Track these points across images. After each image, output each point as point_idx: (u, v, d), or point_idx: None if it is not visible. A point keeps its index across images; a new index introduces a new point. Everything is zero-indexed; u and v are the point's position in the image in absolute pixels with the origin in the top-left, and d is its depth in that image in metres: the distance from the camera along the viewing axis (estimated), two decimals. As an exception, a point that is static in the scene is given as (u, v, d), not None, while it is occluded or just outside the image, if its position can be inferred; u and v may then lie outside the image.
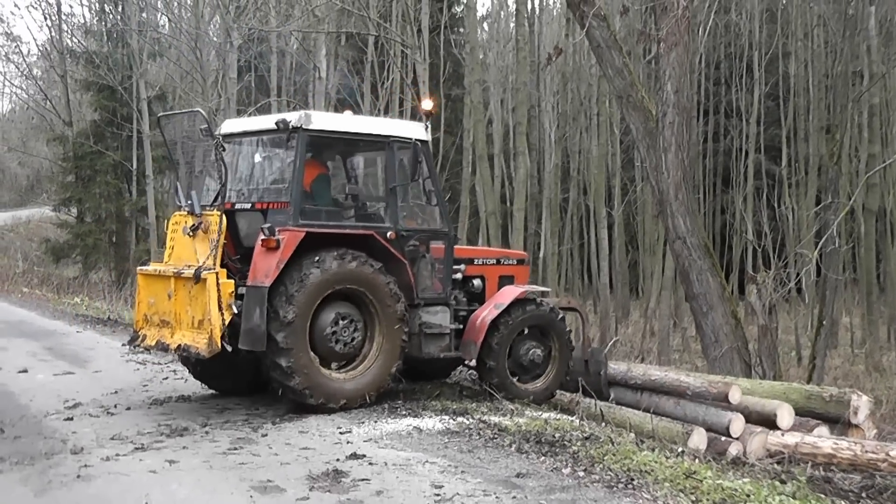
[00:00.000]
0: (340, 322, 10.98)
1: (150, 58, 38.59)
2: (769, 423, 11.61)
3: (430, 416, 10.70)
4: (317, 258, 10.69)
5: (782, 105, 43.87)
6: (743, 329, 16.86)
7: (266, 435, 9.76)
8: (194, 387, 12.71)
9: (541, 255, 37.60)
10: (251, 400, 11.74)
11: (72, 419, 10.73)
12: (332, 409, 10.76)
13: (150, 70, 39.33)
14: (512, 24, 43.13)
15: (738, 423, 11.49)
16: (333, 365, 11.26)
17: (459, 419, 10.51)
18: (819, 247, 19.25)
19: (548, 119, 41.13)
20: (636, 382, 13.03)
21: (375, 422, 10.37)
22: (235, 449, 9.12)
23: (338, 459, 8.60)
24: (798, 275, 21.72)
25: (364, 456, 8.70)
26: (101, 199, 40.13)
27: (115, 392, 12.56)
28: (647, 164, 17.23)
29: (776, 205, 40.27)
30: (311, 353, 10.82)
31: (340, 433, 9.79)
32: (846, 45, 25.21)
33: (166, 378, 13.91)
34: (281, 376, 10.57)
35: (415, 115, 29.67)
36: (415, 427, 10.10)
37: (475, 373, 13.01)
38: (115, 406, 11.50)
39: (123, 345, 14.98)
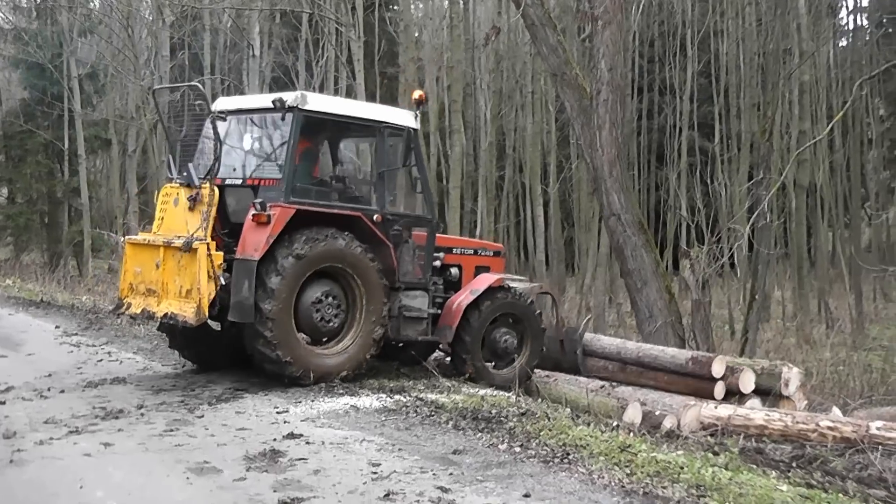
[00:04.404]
0: (325, 299, 11.23)
1: (80, 35, 37.96)
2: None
3: (367, 395, 10.74)
4: (308, 234, 10.93)
5: (715, 82, 44.26)
6: (677, 304, 17.07)
7: (202, 416, 9.72)
8: (129, 369, 12.63)
9: (477, 233, 37.64)
10: (187, 381, 11.69)
11: (4, 403, 10.55)
12: (308, 383, 10.98)
13: (80, 48, 38.66)
14: (446, 2, 42.92)
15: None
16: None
17: (396, 397, 10.59)
18: (751, 222, 19.46)
19: (483, 97, 41.14)
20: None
21: (312, 401, 10.39)
22: (171, 431, 9.07)
23: (275, 439, 8.59)
24: (731, 250, 21.98)
25: (301, 435, 8.71)
26: (32, 179, 39.37)
27: (49, 375, 12.38)
28: (582, 142, 17.33)
29: (709, 181, 40.60)
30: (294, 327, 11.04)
31: (277, 413, 9.79)
32: (777, 24, 25.53)
33: (101, 360, 13.77)
34: (264, 346, 10.79)
35: (350, 93, 29.58)
36: (352, 405, 10.13)
37: (444, 356, 13.37)
38: (49, 389, 11.34)
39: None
